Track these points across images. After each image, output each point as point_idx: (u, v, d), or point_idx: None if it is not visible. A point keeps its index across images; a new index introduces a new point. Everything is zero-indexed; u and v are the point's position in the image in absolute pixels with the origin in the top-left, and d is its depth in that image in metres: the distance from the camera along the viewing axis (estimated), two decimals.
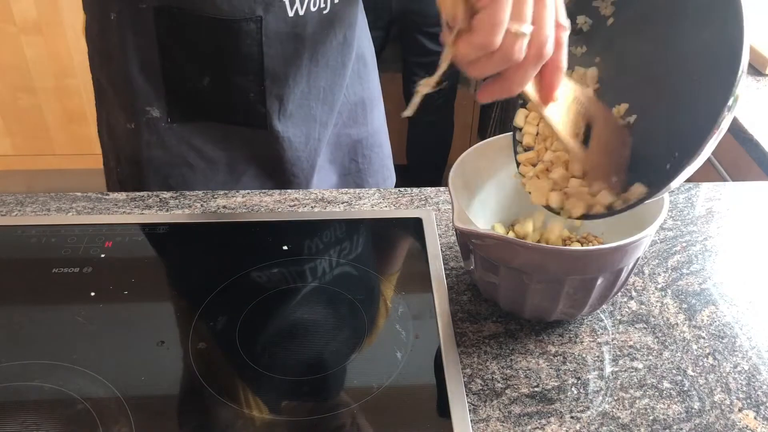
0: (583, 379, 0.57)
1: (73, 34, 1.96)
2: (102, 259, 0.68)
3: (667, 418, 0.54)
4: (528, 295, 0.57)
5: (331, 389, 0.57)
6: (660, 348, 0.60)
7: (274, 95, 0.80)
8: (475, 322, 0.62)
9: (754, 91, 1.13)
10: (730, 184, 0.83)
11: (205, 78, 0.79)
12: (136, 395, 0.55)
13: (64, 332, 0.61)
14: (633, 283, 0.67)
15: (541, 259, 0.54)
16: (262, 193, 0.79)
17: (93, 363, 0.57)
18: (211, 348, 0.60)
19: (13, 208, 0.75)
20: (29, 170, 2.27)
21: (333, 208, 0.77)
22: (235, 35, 0.75)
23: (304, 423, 0.53)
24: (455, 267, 0.68)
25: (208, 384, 0.56)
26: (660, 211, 0.56)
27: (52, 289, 0.65)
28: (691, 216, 0.76)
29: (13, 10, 1.93)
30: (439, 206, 0.77)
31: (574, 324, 0.62)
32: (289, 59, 0.79)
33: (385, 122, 1.01)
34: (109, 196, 0.78)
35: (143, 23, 0.76)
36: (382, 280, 0.67)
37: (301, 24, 0.76)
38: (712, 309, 0.64)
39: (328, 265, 0.68)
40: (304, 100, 0.83)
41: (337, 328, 0.62)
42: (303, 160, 0.86)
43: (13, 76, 2.04)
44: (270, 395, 0.56)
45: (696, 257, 0.70)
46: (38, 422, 0.53)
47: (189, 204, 0.76)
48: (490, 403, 0.55)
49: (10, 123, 2.13)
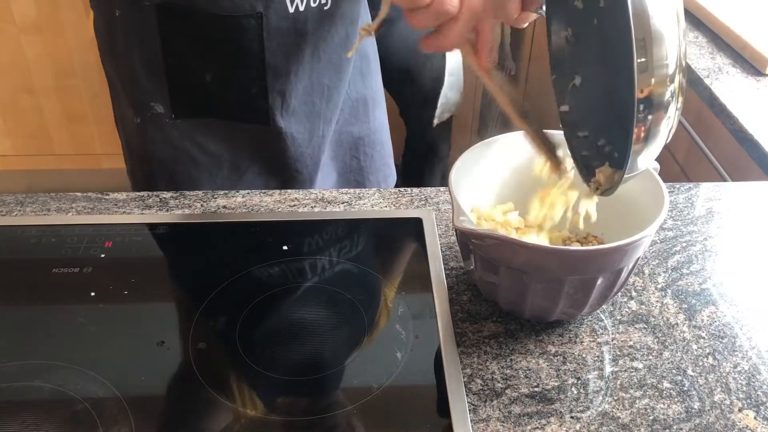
0: (583, 379, 0.57)
1: (73, 34, 1.96)
2: (102, 259, 0.68)
3: (667, 418, 0.54)
4: (528, 295, 0.57)
5: (330, 389, 0.57)
6: (660, 348, 0.60)
7: (276, 91, 0.80)
8: (475, 322, 0.62)
9: (754, 91, 1.13)
10: (730, 184, 0.83)
11: (208, 74, 0.79)
12: (136, 395, 0.55)
13: (64, 332, 0.61)
14: (633, 283, 0.67)
15: (541, 259, 0.54)
16: (262, 193, 0.79)
17: (93, 363, 0.57)
18: (211, 348, 0.60)
19: (13, 208, 0.75)
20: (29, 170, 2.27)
21: (333, 208, 0.77)
22: (236, 31, 0.75)
23: (303, 423, 0.53)
24: (455, 267, 0.68)
25: (208, 384, 0.56)
26: (660, 211, 0.56)
27: (52, 289, 0.65)
28: (691, 216, 0.76)
29: (13, 10, 1.93)
30: (439, 206, 0.77)
31: (574, 324, 0.62)
32: (291, 55, 0.79)
33: (386, 121, 1.01)
34: (109, 196, 0.78)
35: (146, 20, 0.77)
36: (382, 280, 0.67)
37: (301, 20, 0.77)
38: (712, 309, 0.64)
39: (328, 265, 0.68)
40: (307, 97, 0.83)
41: (337, 328, 0.62)
42: (306, 156, 0.86)
43: (13, 76, 2.03)
44: (270, 395, 0.56)
45: (696, 257, 0.70)
46: (38, 422, 0.53)
47: (189, 204, 0.76)
48: (490, 403, 0.55)
49: (10, 123, 2.13)
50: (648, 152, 0.49)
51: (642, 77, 0.46)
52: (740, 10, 1.33)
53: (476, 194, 0.66)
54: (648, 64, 0.45)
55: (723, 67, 1.20)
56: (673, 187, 0.81)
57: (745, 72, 1.19)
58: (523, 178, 0.68)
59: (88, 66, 2.00)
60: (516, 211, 0.68)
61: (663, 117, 0.47)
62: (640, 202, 0.61)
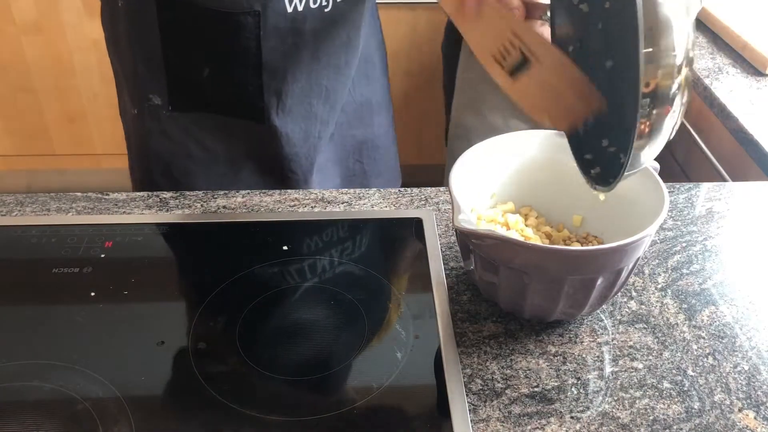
0: (583, 379, 0.57)
1: (73, 34, 1.96)
2: (102, 259, 0.68)
3: (667, 418, 0.54)
4: (528, 295, 0.57)
5: (330, 389, 0.57)
6: (660, 348, 0.60)
7: (272, 90, 0.81)
8: (475, 322, 0.62)
9: (754, 91, 1.13)
10: (730, 184, 0.83)
11: (206, 69, 0.80)
12: (136, 395, 0.55)
13: (64, 332, 0.61)
14: (633, 283, 0.67)
15: (541, 259, 0.54)
16: (262, 193, 0.79)
17: (93, 363, 0.57)
18: (211, 348, 0.60)
19: (13, 208, 0.75)
20: (29, 170, 2.27)
21: (333, 208, 0.77)
22: (234, 28, 0.76)
23: (303, 423, 0.53)
24: (455, 267, 0.68)
25: (208, 384, 0.56)
26: (660, 211, 0.56)
27: (52, 289, 0.65)
28: (691, 216, 0.76)
29: (13, 10, 1.93)
30: (439, 206, 0.77)
31: (574, 324, 0.62)
32: (288, 55, 0.79)
33: (392, 126, 1.01)
34: (109, 196, 0.78)
35: (147, 12, 0.77)
36: (382, 280, 0.67)
37: (300, 20, 0.77)
38: (712, 309, 0.64)
39: (328, 265, 0.68)
40: (304, 97, 0.83)
41: (337, 328, 0.62)
42: (301, 156, 0.86)
43: (13, 76, 2.03)
44: (270, 395, 0.56)
45: (696, 257, 0.70)
46: (38, 422, 0.53)
47: (189, 204, 0.76)
48: (490, 403, 0.55)
49: (10, 123, 2.13)
50: (651, 148, 0.48)
51: (649, 68, 0.44)
52: (740, 10, 1.33)
53: (476, 194, 0.66)
54: (655, 54, 0.44)
55: (723, 67, 1.20)
56: (673, 187, 0.81)
57: (745, 72, 1.19)
58: (523, 178, 0.68)
59: (88, 66, 2.00)
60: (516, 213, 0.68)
61: (668, 111, 0.46)
62: (640, 202, 0.61)
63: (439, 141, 1.73)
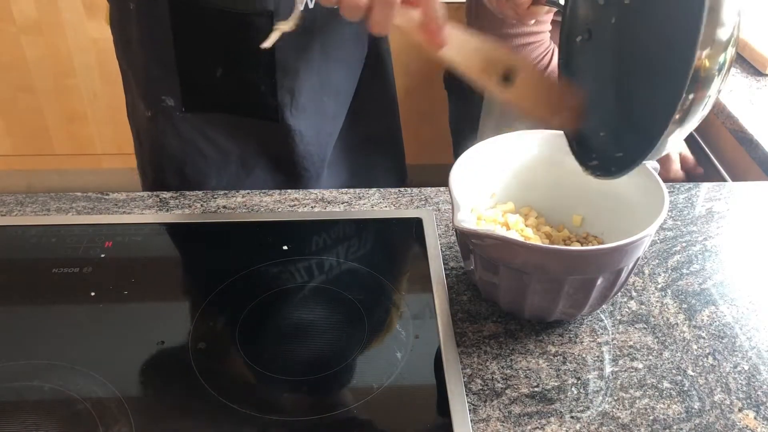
0: (583, 379, 0.57)
1: (73, 34, 1.96)
2: (102, 259, 0.68)
3: (667, 418, 0.54)
4: (528, 295, 0.57)
5: (330, 389, 0.57)
6: (660, 348, 0.60)
7: (285, 89, 0.81)
8: (475, 322, 0.62)
9: (754, 91, 1.13)
10: (730, 184, 0.83)
11: (218, 69, 0.80)
12: (136, 395, 0.55)
13: (64, 332, 0.61)
14: (633, 283, 0.67)
15: (541, 259, 0.54)
16: (262, 193, 0.79)
17: (93, 363, 0.57)
18: (211, 348, 0.60)
19: (13, 208, 0.75)
20: (29, 170, 2.27)
21: (333, 208, 0.77)
22: (247, 29, 0.76)
23: (303, 423, 0.53)
24: (455, 267, 0.68)
25: (208, 384, 0.56)
26: (660, 211, 0.56)
27: (52, 289, 0.65)
28: (691, 216, 0.76)
29: (13, 10, 1.93)
30: (439, 206, 0.77)
31: (574, 324, 0.62)
32: (300, 53, 0.79)
33: (399, 121, 1.01)
34: (109, 196, 0.78)
35: (159, 14, 0.77)
36: (382, 280, 0.67)
37: (310, 17, 0.77)
38: (712, 309, 0.64)
39: (328, 265, 0.68)
40: (315, 94, 0.83)
41: (337, 328, 0.62)
42: (314, 154, 0.87)
43: (13, 76, 2.03)
44: (270, 395, 0.56)
45: (696, 257, 0.70)
46: (38, 422, 0.53)
47: (189, 204, 0.76)
48: (490, 403, 0.55)
49: (10, 123, 2.13)
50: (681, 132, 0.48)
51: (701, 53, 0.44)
52: None
53: (476, 194, 0.66)
54: (708, 39, 0.43)
55: None
56: (673, 187, 0.81)
57: (745, 72, 1.19)
58: (523, 178, 0.68)
59: (88, 66, 2.00)
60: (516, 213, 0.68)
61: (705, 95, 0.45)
62: (640, 202, 0.61)
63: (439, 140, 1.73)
